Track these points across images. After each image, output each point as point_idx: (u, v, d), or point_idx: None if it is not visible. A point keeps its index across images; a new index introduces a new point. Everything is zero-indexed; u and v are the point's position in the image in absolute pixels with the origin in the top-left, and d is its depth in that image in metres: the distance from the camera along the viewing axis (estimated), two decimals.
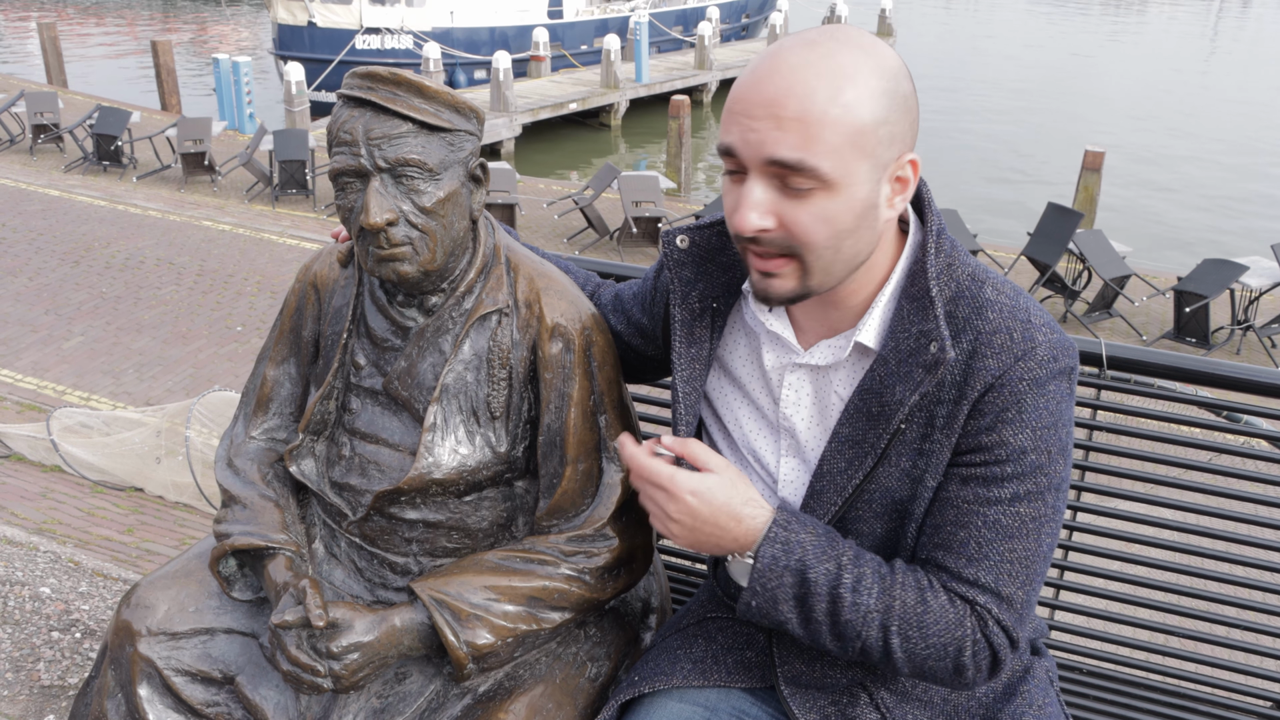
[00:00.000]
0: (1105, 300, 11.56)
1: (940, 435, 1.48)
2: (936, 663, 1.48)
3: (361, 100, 1.64)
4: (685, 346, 1.69)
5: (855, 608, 1.47)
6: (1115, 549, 2.26)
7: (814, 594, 1.47)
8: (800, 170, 1.35)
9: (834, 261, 1.44)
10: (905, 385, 1.47)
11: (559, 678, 1.80)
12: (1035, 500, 1.46)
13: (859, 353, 1.55)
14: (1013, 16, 48.26)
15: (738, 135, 1.39)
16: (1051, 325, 1.48)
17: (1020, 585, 1.47)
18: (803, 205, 1.38)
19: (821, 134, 1.34)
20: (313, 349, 1.95)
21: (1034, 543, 1.47)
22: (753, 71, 1.40)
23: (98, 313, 10.27)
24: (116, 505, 5.94)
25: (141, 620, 1.87)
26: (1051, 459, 1.46)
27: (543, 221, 14.75)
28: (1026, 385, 1.44)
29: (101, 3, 44.07)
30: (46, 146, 17.29)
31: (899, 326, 1.50)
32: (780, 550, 1.48)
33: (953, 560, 1.48)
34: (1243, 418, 2.47)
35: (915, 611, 1.46)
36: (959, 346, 1.46)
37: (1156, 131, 24.89)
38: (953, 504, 1.49)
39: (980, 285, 1.49)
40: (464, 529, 1.81)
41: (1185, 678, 2.28)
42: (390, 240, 1.64)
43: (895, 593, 1.47)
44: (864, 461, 1.52)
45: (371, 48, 24.75)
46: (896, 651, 1.48)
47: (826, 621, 1.48)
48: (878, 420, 1.50)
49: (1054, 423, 1.46)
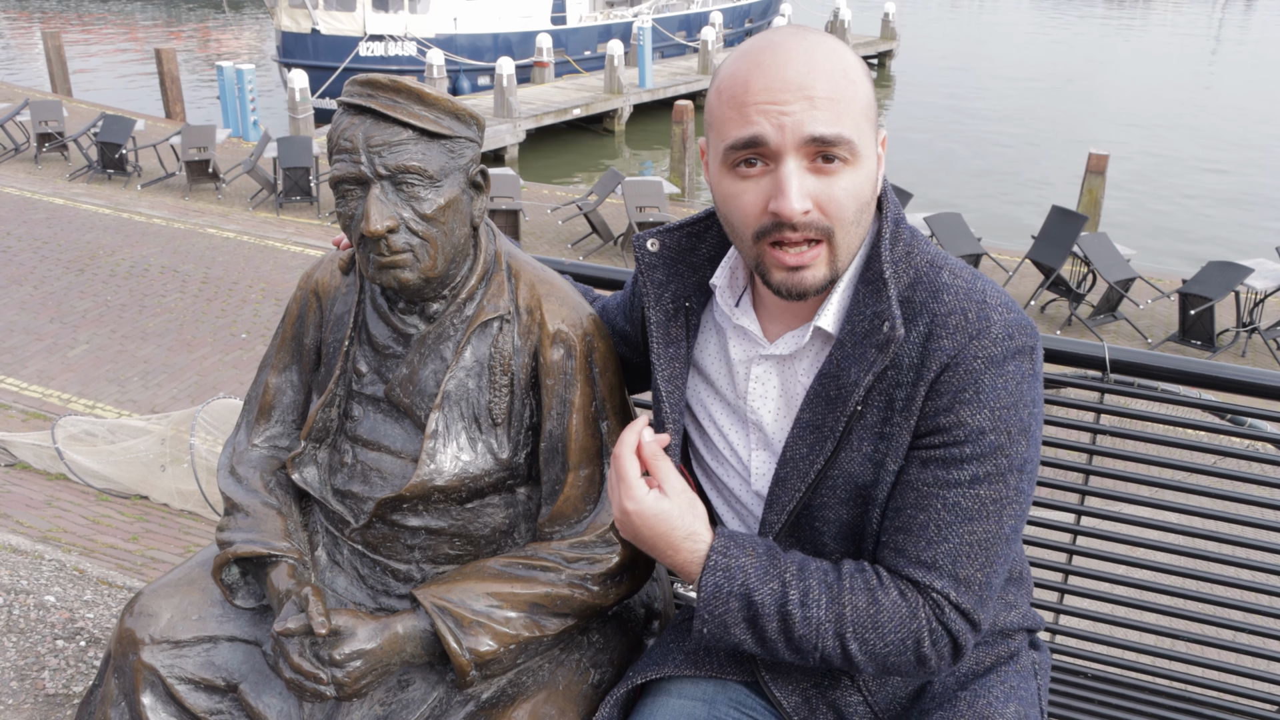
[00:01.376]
0: (1110, 303, 11.54)
1: (899, 418, 1.49)
2: (898, 658, 1.49)
3: (362, 108, 1.64)
4: (663, 347, 1.71)
5: (806, 622, 1.48)
6: (1119, 552, 2.26)
7: (763, 615, 1.49)
8: (837, 144, 1.41)
9: (853, 239, 1.49)
10: (859, 366, 1.49)
11: (562, 684, 1.80)
12: (996, 482, 1.46)
13: (820, 340, 1.57)
14: (1016, 19, 48.27)
15: (767, 123, 1.41)
16: (1009, 305, 1.49)
17: (979, 567, 1.47)
18: (834, 181, 1.43)
19: (849, 109, 1.42)
20: (314, 356, 1.95)
21: (995, 524, 1.47)
22: (756, 64, 1.43)
23: (102, 321, 10.29)
24: (121, 513, 5.95)
25: (145, 628, 1.87)
26: (1012, 439, 1.46)
27: (547, 227, 14.77)
28: (982, 364, 1.44)
29: (105, 11, 44.21)
30: (51, 155, 17.33)
31: (855, 310, 1.52)
32: (722, 578, 1.49)
33: (911, 543, 1.48)
34: (1247, 421, 2.46)
35: (868, 613, 1.48)
36: (915, 329, 1.48)
37: (1161, 133, 24.86)
38: (913, 487, 1.49)
39: (938, 270, 1.52)
40: (466, 536, 1.81)
41: (1189, 680, 2.27)
42: (391, 247, 1.64)
43: (845, 599, 1.48)
44: (824, 446, 1.52)
45: (375, 54, 24.80)
46: (856, 655, 1.49)
47: (780, 639, 1.50)
48: (835, 403, 1.52)
49: (1013, 403, 1.45)
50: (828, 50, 1.44)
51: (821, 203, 1.43)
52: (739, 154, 1.45)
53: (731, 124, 1.44)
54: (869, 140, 1.46)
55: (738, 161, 1.46)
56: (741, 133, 1.43)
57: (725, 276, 1.67)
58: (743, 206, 1.47)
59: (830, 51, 1.44)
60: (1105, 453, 2.21)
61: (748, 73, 1.43)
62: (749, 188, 1.46)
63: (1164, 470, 2.19)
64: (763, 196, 1.44)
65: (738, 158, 1.45)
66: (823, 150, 1.41)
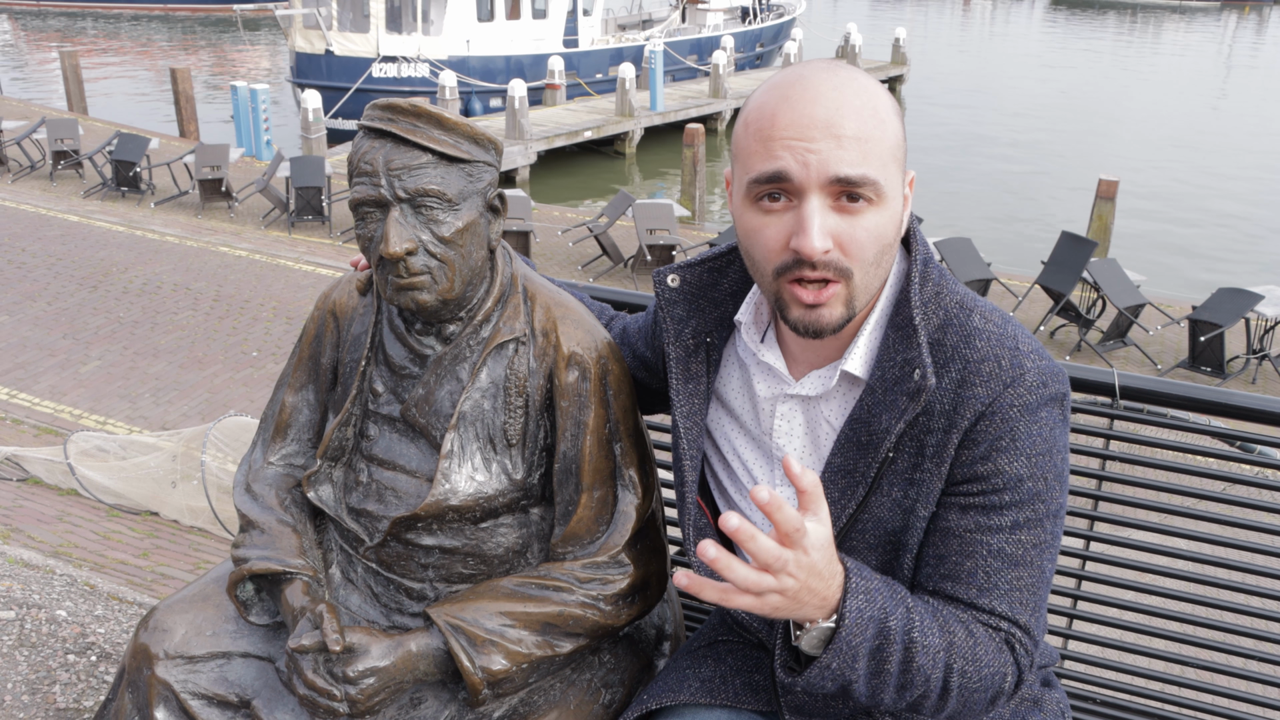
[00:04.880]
0: (1119, 329, 11.53)
1: (930, 464, 1.48)
2: (981, 695, 1.46)
3: (382, 131, 1.67)
4: (682, 383, 1.70)
5: (925, 650, 1.40)
6: (1129, 579, 2.26)
7: (892, 642, 1.38)
8: (862, 185, 1.39)
9: (873, 280, 1.47)
10: (891, 414, 1.48)
11: (573, 704, 1.81)
12: (1035, 527, 1.47)
13: (848, 382, 1.56)
14: (1027, 43, 48.38)
15: (792, 159, 1.39)
16: (1040, 352, 1.49)
17: (1031, 613, 1.47)
18: (857, 222, 1.41)
19: (876, 149, 1.40)
20: (331, 376, 1.97)
21: (1038, 570, 1.47)
22: (784, 99, 1.42)
23: (115, 337, 10.34)
24: (132, 529, 5.97)
25: (159, 643, 1.89)
26: (1049, 485, 1.46)
27: (557, 249, 14.81)
28: (1018, 412, 1.44)
29: (122, 31, 44.57)
30: (66, 172, 17.46)
31: (885, 355, 1.51)
32: (864, 601, 1.37)
33: (963, 591, 1.47)
34: (1257, 448, 2.46)
35: (968, 645, 1.43)
36: (948, 375, 1.47)
37: (1171, 159, 24.87)
38: (954, 534, 1.48)
39: (968, 314, 1.50)
40: (480, 555, 1.83)
41: (1198, 708, 2.26)
42: (409, 269, 1.66)
43: (950, 629, 1.44)
44: (856, 491, 1.52)
45: (388, 76, 24.96)
46: (953, 691, 1.43)
47: (897, 671, 1.40)
48: (867, 449, 1.51)
49: (1048, 449, 1.46)
50: (858, 88, 1.41)
51: (843, 242, 1.41)
52: (762, 188, 1.43)
53: (756, 157, 1.43)
54: (895, 181, 1.44)
55: (761, 195, 1.44)
56: (765, 167, 1.41)
57: (750, 313, 1.65)
58: (764, 241, 1.45)
59: (860, 89, 1.41)
60: (1114, 479, 2.22)
61: (775, 106, 1.42)
62: (771, 222, 1.44)
63: (1173, 497, 2.20)
64: (785, 232, 1.43)
65: (761, 191, 1.44)
66: (847, 190, 1.39)
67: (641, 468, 1.86)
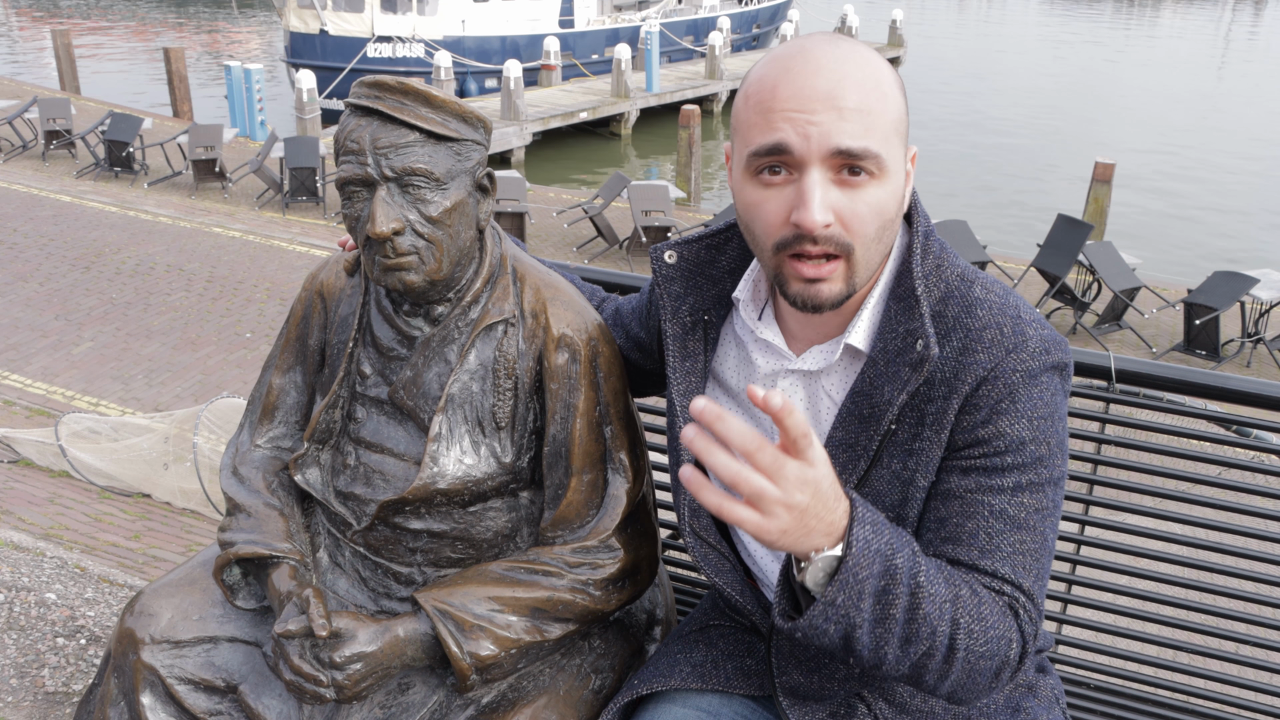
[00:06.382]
0: (1115, 312, 11.53)
1: (929, 433, 1.47)
2: (987, 663, 1.39)
3: (369, 109, 1.64)
4: (679, 361, 1.69)
5: (932, 599, 1.33)
6: (1123, 563, 2.25)
7: (897, 583, 1.31)
8: (864, 157, 1.37)
9: (874, 255, 1.45)
10: (893, 385, 1.47)
11: (563, 689, 1.79)
12: (1037, 492, 1.45)
13: (850, 356, 1.55)
14: (1024, 25, 48.24)
15: (793, 131, 1.37)
16: (1041, 322, 1.48)
17: (1034, 579, 1.44)
18: (857, 195, 1.39)
19: (878, 122, 1.38)
20: (319, 358, 1.94)
21: (1040, 537, 1.45)
22: (786, 70, 1.39)
23: (107, 318, 10.30)
24: (124, 511, 5.95)
25: (145, 628, 1.87)
26: (1050, 450, 1.45)
27: (552, 230, 14.77)
28: (1020, 377, 1.43)
29: (115, 10, 44.31)
30: (59, 152, 17.36)
31: (887, 327, 1.50)
32: (871, 532, 1.29)
33: (965, 553, 1.44)
34: (1252, 432, 2.45)
35: (973, 603, 1.38)
36: (949, 344, 1.46)
37: (1167, 142, 24.84)
38: (955, 495, 1.46)
39: (969, 285, 1.50)
40: (468, 539, 1.81)
41: (1193, 693, 2.26)
42: (396, 249, 1.64)
43: (954, 580, 1.39)
44: (858, 464, 1.51)
45: (383, 56, 24.82)
46: (959, 652, 1.35)
47: (902, 618, 1.32)
48: (869, 422, 1.50)
49: (1049, 414, 1.45)
50: (860, 60, 1.39)
51: (844, 217, 1.39)
52: (762, 161, 1.41)
53: (756, 129, 1.41)
54: (897, 155, 1.42)
55: (761, 169, 1.42)
56: (766, 139, 1.39)
57: (748, 290, 1.64)
58: (764, 215, 1.43)
59: (863, 62, 1.39)
60: (1109, 462, 2.21)
61: (776, 78, 1.39)
62: (771, 196, 1.42)
63: (1168, 480, 2.19)
64: (785, 206, 1.41)
65: (761, 165, 1.42)
66: (848, 163, 1.37)
67: (632, 451, 1.84)
